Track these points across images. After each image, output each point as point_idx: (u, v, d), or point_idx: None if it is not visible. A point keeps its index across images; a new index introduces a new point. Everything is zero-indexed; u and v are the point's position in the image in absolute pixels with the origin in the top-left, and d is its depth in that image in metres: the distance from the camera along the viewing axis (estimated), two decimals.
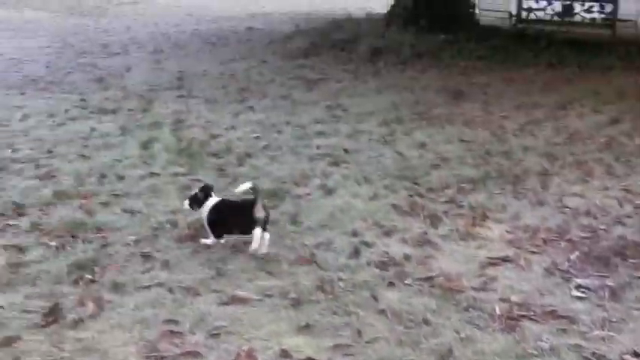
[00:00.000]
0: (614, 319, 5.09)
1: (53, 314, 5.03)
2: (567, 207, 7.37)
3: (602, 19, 17.97)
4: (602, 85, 13.52)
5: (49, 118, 10.74)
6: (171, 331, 4.83)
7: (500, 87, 13.46)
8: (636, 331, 4.95)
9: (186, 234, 6.45)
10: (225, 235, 6.26)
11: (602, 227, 6.84)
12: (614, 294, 5.47)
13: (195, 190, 6.44)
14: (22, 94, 12.59)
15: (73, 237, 6.33)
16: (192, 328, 4.88)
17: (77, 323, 4.95)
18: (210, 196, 6.34)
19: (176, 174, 8.10)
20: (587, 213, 7.19)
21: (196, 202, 6.33)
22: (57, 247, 6.11)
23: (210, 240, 6.24)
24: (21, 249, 6.11)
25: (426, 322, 5.02)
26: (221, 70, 15.24)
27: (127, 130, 9.98)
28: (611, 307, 5.27)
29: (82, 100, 12.08)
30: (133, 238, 6.35)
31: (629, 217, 7.13)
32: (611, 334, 4.89)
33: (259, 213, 6.05)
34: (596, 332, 4.91)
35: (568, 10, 18.12)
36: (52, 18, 25.10)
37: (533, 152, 9.21)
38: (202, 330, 4.86)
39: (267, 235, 6.10)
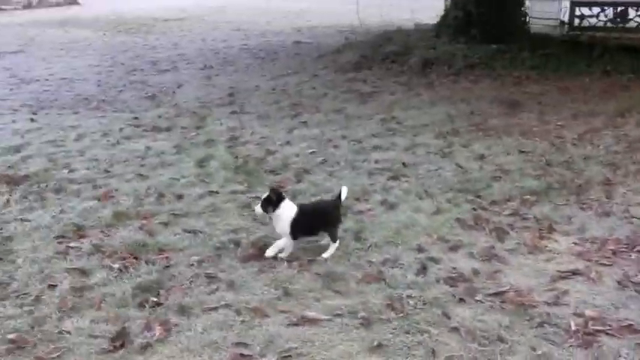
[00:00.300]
0: None
1: (120, 338, 4.98)
2: (634, 217, 7.19)
3: None
4: None
5: (103, 137, 10.75)
6: (242, 354, 4.76)
7: (555, 96, 13.26)
8: None
9: (250, 253, 6.36)
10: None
11: None
12: None
13: (264, 195, 6.36)
14: (76, 113, 12.63)
15: (135, 258, 6.27)
16: (262, 351, 4.81)
17: (145, 348, 4.90)
18: (284, 198, 6.33)
19: (235, 192, 8.04)
20: None
21: (270, 204, 6.25)
22: (120, 270, 6.06)
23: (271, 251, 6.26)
24: (84, 272, 6.06)
25: (501, 339, 4.91)
26: (272, 85, 15.23)
27: (182, 148, 9.95)
28: None
29: (135, 118, 12.10)
30: (196, 258, 6.27)
31: None
32: None
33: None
34: None
35: (622, 16, 17.85)
36: (99, 36, 25.30)
37: (594, 162, 9.02)
38: (273, 352, 4.78)
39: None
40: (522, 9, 18.73)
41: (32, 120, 11.94)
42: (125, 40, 24.02)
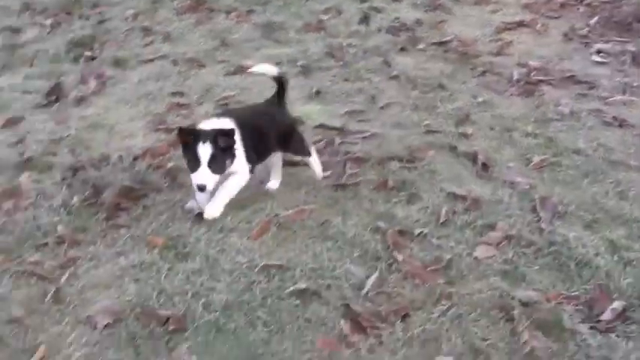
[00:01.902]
0: (635, 84, 4.88)
1: (55, 93, 4.85)
2: None
3: None
4: None
5: None
6: (178, 104, 4.64)
7: None
8: None
9: (188, 4, 6.16)
10: None
11: None
12: (635, 59, 5.23)
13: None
14: None
15: (68, 14, 6.04)
16: (199, 99, 4.70)
17: (80, 101, 4.78)
18: None
19: None
20: None
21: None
22: (52, 26, 5.84)
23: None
24: (15, 30, 5.84)
25: (442, 86, 4.83)
26: None
27: None
28: (632, 72, 5.07)
29: None
30: (131, 12, 6.06)
31: None
32: (632, 98, 4.69)
33: None
34: (617, 97, 4.72)
35: None
36: None
37: None
38: (210, 100, 4.68)
39: None
40: None
41: None
42: None
